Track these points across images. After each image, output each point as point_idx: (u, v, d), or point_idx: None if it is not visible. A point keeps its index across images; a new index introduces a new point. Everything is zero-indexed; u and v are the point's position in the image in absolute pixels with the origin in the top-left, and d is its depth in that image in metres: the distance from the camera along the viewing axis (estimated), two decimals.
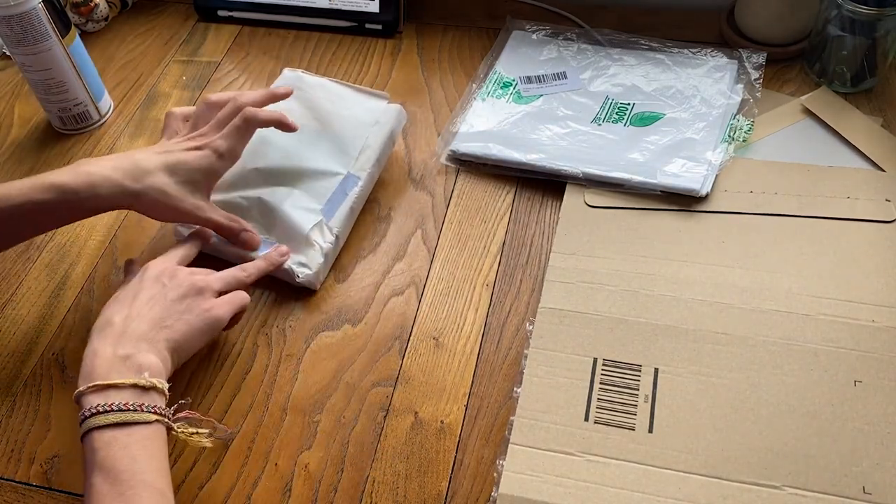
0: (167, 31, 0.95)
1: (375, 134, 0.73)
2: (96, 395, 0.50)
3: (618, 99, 0.79)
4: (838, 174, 0.71)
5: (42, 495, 0.57)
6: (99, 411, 0.49)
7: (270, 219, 0.68)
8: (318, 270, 0.66)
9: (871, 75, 0.78)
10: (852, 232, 0.66)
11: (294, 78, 0.76)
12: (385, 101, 0.75)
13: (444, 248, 0.70)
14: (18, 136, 0.84)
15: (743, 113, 0.76)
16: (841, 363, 0.58)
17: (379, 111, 0.74)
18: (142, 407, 0.50)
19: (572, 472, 0.54)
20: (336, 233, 0.67)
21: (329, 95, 0.75)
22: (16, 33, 0.73)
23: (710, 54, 0.82)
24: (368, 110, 0.74)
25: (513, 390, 0.59)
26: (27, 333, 0.66)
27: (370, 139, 0.72)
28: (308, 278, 0.65)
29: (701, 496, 0.52)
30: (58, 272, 0.70)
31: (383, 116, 0.74)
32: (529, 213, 0.72)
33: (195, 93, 0.87)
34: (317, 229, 0.67)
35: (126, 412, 0.49)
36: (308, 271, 0.65)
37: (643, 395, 0.57)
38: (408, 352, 0.63)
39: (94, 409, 0.49)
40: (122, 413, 0.49)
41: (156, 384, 0.52)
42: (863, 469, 0.53)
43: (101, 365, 0.52)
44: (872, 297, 0.62)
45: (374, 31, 0.91)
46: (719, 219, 0.68)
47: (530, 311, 0.64)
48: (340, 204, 0.69)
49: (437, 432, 0.58)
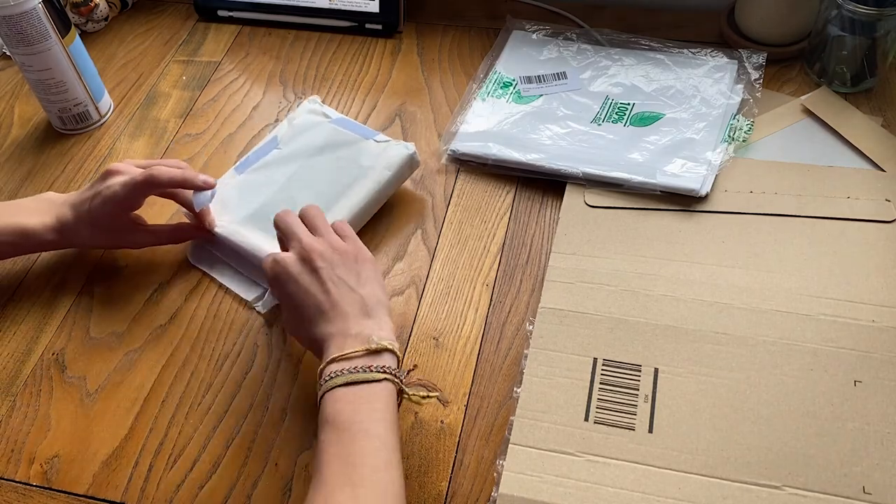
0: (167, 31, 0.95)
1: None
2: (333, 365, 0.52)
3: (618, 99, 0.79)
4: (838, 174, 0.71)
5: (42, 495, 0.57)
6: (333, 376, 0.51)
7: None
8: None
9: (871, 75, 0.78)
10: (852, 232, 0.66)
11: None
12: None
13: (444, 248, 0.70)
14: (18, 136, 0.84)
15: (743, 113, 0.76)
16: (841, 363, 0.58)
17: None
18: (371, 368, 0.52)
19: (572, 472, 0.54)
20: None
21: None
22: (16, 33, 0.73)
23: (710, 54, 0.82)
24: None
25: (513, 390, 0.59)
26: (27, 333, 0.66)
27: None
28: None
29: (701, 496, 0.52)
30: (58, 272, 0.70)
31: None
32: (529, 213, 0.72)
33: (195, 93, 0.87)
34: None
35: (355, 373, 0.51)
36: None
37: (643, 395, 0.57)
38: (408, 352, 0.63)
39: (330, 375, 0.51)
40: (352, 374, 0.51)
41: (386, 346, 0.53)
42: (863, 469, 0.53)
43: (335, 343, 0.53)
44: (872, 297, 0.62)
45: (375, 31, 0.91)
46: (719, 219, 0.68)
47: (530, 311, 0.64)
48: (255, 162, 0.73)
49: (437, 432, 0.58)
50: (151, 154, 0.80)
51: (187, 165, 0.68)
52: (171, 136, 0.82)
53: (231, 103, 0.85)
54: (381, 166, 0.70)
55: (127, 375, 0.63)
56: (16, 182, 0.79)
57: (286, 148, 0.74)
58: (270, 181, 0.72)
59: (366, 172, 0.70)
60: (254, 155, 0.75)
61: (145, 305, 0.67)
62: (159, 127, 0.83)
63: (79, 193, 0.67)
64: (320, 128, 0.75)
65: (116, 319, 0.67)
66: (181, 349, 0.64)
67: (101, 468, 0.58)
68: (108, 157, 0.81)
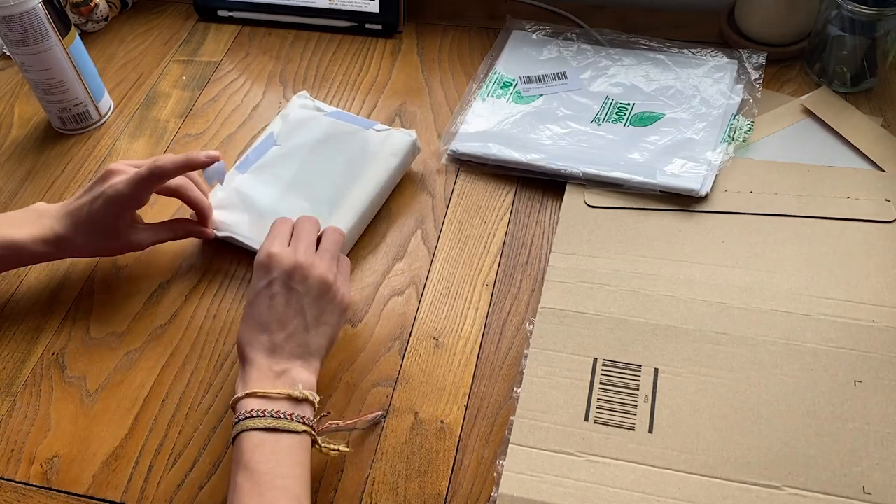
0: (167, 31, 0.95)
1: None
2: (253, 401, 0.52)
3: (618, 99, 0.79)
4: (838, 174, 0.71)
5: (42, 495, 0.57)
6: (253, 415, 0.51)
7: None
8: None
9: (871, 75, 0.78)
10: (852, 232, 0.66)
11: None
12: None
13: (444, 248, 0.70)
14: (18, 136, 0.84)
15: (743, 113, 0.76)
16: (841, 363, 0.58)
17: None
18: (292, 416, 0.52)
19: (572, 473, 0.54)
20: None
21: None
22: (16, 33, 0.73)
23: (710, 54, 0.82)
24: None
25: (513, 390, 0.59)
26: (27, 333, 0.66)
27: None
28: None
29: (701, 496, 0.52)
30: (58, 272, 0.70)
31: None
32: (529, 213, 0.72)
33: (195, 93, 0.87)
34: None
35: (278, 419, 0.51)
36: None
37: (643, 395, 0.57)
38: (408, 352, 0.63)
39: (248, 413, 0.51)
40: (274, 419, 0.51)
41: (308, 396, 0.53)
42: (863, 469, 0.53)
43: (258, 377, 0.53)
44: (872, 297, 0.62)
45: (374, 31, 0.91)
46: (719, 219, 0.68)
47: (530, 311, 0.64)
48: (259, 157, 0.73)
49: (437, 432, 0.58)
50: (151, 154, 0.80)
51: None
52: (171, 136, 0.82)
53: (231, 103, 0.85)
54: (386, 153, 0.71)
55: (127, 375, 0.63)
56: (16, 182, 0.79)
57: (285, 144, 0.74)
58: (276, 178, 0.72)
59: (372, 162, 0.71)
60: (253, 154, 0.74)
61: (145, 305, 0.67)
62: (159, 127, 0.83)
63: (73, 199, 0.64)
64: (317, 121, 0.76)
65: (116, 319, 0.67)
66: (181, 349, 0.64)
67: (101, 468, 0.58)
68: (108, 157, 0.81)
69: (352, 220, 0.68)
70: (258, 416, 0.51)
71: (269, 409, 0.52)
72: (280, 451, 0.50)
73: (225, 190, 0.71)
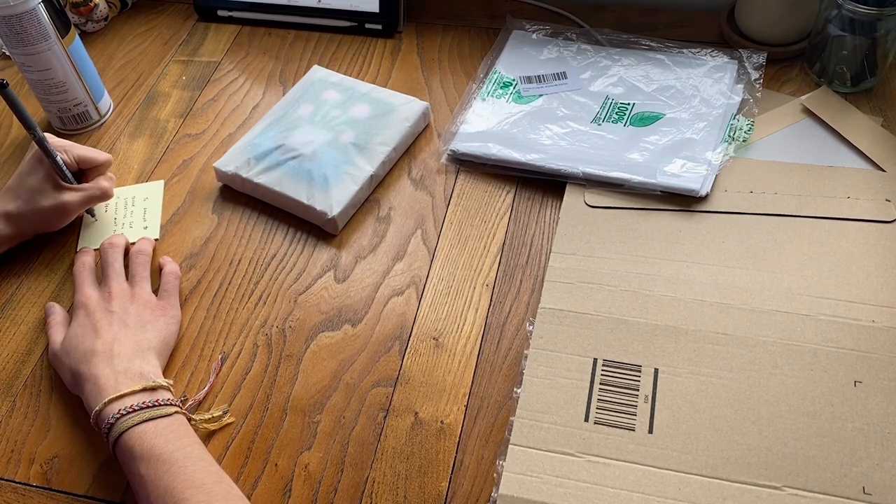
0: (167, 31, 0.95)
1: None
2: (114, 404, 0.54)
3: (618, 99, 0.79)
4: (838, 174, 0.71)
5: (42, 495, 0.57)
6: (122, 415, 0.53)
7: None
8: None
9: (871, 75, 0.78)
10: (852, 232, 0.66)
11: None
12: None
13: (444, 248, 0.70)
14: (18, 136, 0.84)
15: (743, 113, 0.76)
16: (841, 363, 0.58)
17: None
18: (157, 402, 0.55)
19: (572, 473, 0.54)
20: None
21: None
22: (16, 33, 0.73)
23: (710, 54, 0.82)
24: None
25: (513, 390, 0.59)
26: (27, 333, 0.66)
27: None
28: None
29: (701, 497, 0.52)
30: (58, 272, 0.70)
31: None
32: (529, 213, 0.72)
33: (195, 93, 0.87)
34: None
35: (146, 409, 0.54)
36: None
37: (643, 395, 0.57)
38: (408, 352, 0.63)
39: (116, 416, 0.54)
40: (143, 411, 0.54)
41: (161, 383, 0.57)
42: (863, 469, 0.53)
43: (106, 384, 0.55)
44: (872, 297, 0.62)
45: (374, 31, 0.91)
46: (719, 219, 0.68)
47: (530, 311, 0.64)
48: None
49: (437, 432, 0.58)
50: (151, 154, 0.80)
51: None
52: (170, 136, 0.82)
53: (231, 103, 0.85)
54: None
55: None
56: None
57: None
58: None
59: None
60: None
61: None
62: (159, 127, 0.83)
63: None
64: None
65: None
66: (181, 349, 0.64)
67: (101, 468, 0.58)
68: None
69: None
70: (126, 413, 0.53)
71: (134, 403, 0.54)
72: (165, 432, 0.53)
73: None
